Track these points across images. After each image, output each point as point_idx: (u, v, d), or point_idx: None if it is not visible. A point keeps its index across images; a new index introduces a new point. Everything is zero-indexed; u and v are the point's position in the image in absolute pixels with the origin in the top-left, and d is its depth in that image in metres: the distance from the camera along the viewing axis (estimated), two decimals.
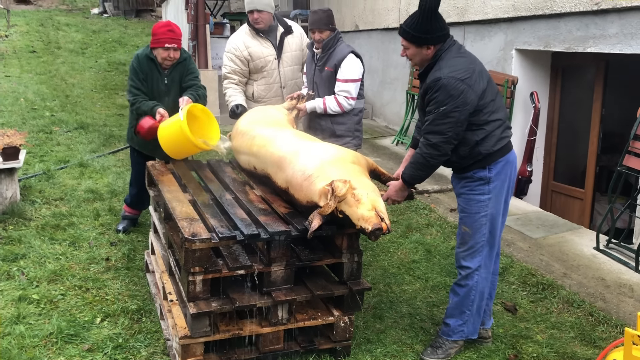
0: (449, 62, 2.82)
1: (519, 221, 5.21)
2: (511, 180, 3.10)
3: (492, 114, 2.91)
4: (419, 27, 2.84)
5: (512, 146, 3.06)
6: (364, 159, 3.28)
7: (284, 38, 4.33)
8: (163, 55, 4.07)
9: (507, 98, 5.85)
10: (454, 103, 2.77)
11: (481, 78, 2.86)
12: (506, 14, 5.93)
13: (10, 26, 14.97)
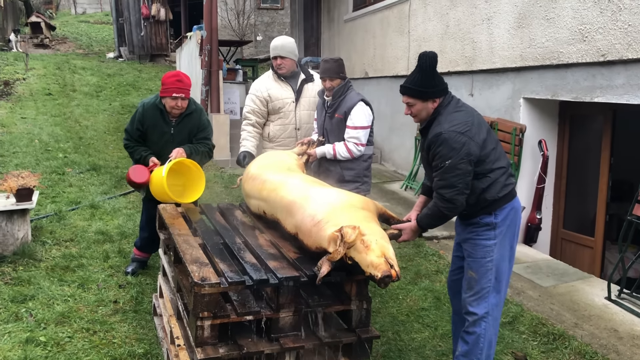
0: (448, 117, 2.94)
1: (529, 269, 5.17)
2: (517, 226, 3.15)
3: (495, 162, 3.00)
4: (423, 82, 2.99)
5: (516, 193, 3.14)
6: (373, 204, 3.31)
7: (305, 84, 4.49)
8: (171, 104, 4.21)
9: (515, 146, 5.90)
10: (458, 155, 2.87)
11: (480, 129, 2.96)
12: (514, 64, 6.04)
13: (29, 69, 15.35)
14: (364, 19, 9.66)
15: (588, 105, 5.52)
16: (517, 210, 3.13)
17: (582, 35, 5.16)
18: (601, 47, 4.96)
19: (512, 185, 3.10)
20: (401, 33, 8.37)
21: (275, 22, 20.02)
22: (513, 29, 6.03)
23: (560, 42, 5.41)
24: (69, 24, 27.90)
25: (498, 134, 6.14)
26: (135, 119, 4.34)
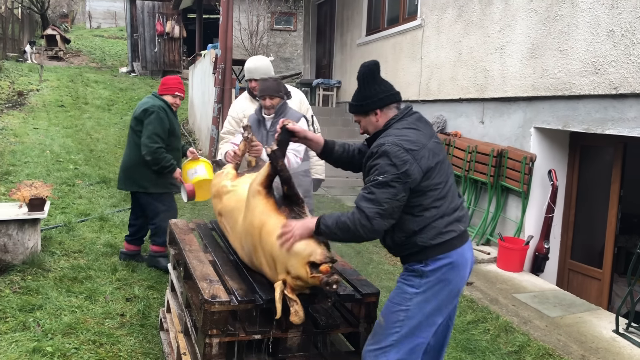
0: (399, 132, 2.56)
1: (536, 298, 5.15)
2: (455, 287, 2.61)
3: (437, 200, 2.55)
4: (359, 96, 2.73)
5: (463, 244, 2.62)
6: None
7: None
8: (171, 102, 4.92)
9: (525, 175, 5.91)
10: (396, 173, 2.44)
11: (432, 156, 2.54)
12: (525, 93, 6.08)
13: (42, 81, 15.55)
14: (377, 43, 9.76)
15: (599, 137, 5.54)
16: (458, 268, 2.61)
17: (594, 68, 5.21)
18: (614, 79, 5.00)
19: (455, 234, 2.58)
20: (413, 59, 8.46)
21: (288, 44, 20.24)
22: (526, 59, 6.09)
23: (572, 74, 5.46)
24: (83, 37, 28.29)
25: (508, 162, 6.17)
26: (162, 121, 4.79)
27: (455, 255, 2.59)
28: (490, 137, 6.74)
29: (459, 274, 2.61)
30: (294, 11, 20.25)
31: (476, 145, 6.64)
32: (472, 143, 6.79)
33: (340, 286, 3.03)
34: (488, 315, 4.72)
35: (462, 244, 2.63)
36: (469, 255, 2.69)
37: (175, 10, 19.60)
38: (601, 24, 5.15)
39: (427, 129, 2.66)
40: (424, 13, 8.20)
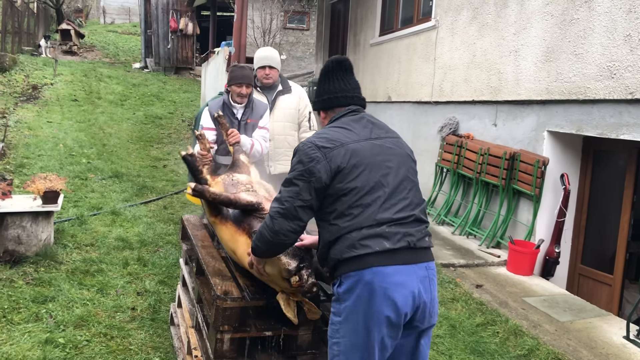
0: (323, 131, 2.42)
1: (546, 302, 5.13)
2: (383, 314, 2.17)
3: (352, 208, 2.23)
4: (316, 93, 2.62)
5: (387, 265, 2.18)
6: None
7: (279, 96, 4.56)
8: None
9: (537, 178, 5.89)
10: (300, 170, 2.28)
11: (351, 157, 2.27)
12: (539, 97, 6.06)
13: (57, 75, 15.66)
14: (390, 44, 9.75)
15: (613, 142, 5.51)
16: (377, 292, 2.16)
17: (610, 72, 5.18)
18: (629, 84, 4.97)
19: (370, 251, 2.18)
20: (427, 60, 8.44)
21: (300, 42, 20.27)
22: (540, 62, 6.06)
23: (587, 78, 5.43)
24: (97, 32, 28.45)
25: (520, 165, 6.15)
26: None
27: (371, 275, 2.16)
28: (502, 140, 6.72)
29: (382, 301, 2.16)
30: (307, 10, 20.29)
31: (488, 148, 6.62)
32: (485, 145, 6.77)
33: None
34: (497, 318, 4.71)
35: (386, 265, 2.17)
36: (402, 280, 2.19)
37: (189, 7, 19.69)
38: (618, 28, 5.12)
39: (363, 130, 2.38)
40: (438, 14, 8.18)
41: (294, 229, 2.30)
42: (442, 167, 7.63)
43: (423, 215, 2.35)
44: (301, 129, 4.72)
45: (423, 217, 2.35)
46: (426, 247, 2.31)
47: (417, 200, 2.36)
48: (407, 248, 2.22)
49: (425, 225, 2.35)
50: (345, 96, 2.49)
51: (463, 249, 6.42)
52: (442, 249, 6.34)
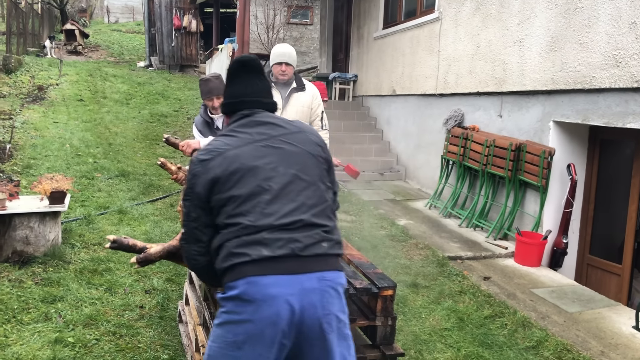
0: (212, 140, 2.32)
1: (554, 294, 5.12)
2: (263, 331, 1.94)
3: (232, 217, 2.06)
4: None
5: (266, 274, 1.96)
6: None
7: (293, 93, 4.52)
8: None
9: (543, 169, 5.86)
10: (186, 190, 2.20)
11: (229, 164, 2.10)
12: (545, 87, 6.02)
13: (62, 75, 15.71)
14: (394, 37, 9.71)
15: (619, 131, 5.47)
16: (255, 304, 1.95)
17: (615, 61, 5.14)
18: (635, 73, 4.93)
19: (246, 259, 1.98)
20: (431, 52, 8.41)
21: (304, 37, 20.18)
22: (545, 52, 6.02)
23: (593, 67, 5.39)
24: (101, 32, 28.51)
25: (526, 156, 6.12)
26: None
27: (245, 286, 1.96)
28: (508, 131, 6.68)
29: (261, 313, 1.94)
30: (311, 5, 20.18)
31: (494, 139, 6.60)
32: (490, 137, 6.74)
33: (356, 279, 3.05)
34: (505, 310, 4.70)
35: (264, 274, 1.96)
36: (277, 293, 1.94)
37: (192, 5, 19.67)
38: (623, 16, 5.07)
39: (250, 133, 2.20)
40: (441, 6, 8.14)
41: (198, 251, 2.17)
42: (448, 159, 7.60)
43: (319, 219, 2.07)
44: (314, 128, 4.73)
45: (318, 220, 2.06)
46: (321, 255, 2.00)
47: (311, 202, 2.09)
48: (291, 256, 1.98)
49: (323, 229, 2.05)
50: (243, 101, 2.29)
51: (470, 241, 6.40)
52: (449, 242, 6.33)
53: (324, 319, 2.00)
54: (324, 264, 2.03)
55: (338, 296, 2.06)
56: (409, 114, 9.20)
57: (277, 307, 1.93)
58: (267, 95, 2.36)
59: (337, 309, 2.06)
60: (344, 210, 7.39)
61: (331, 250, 2.07)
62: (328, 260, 2.05)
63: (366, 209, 7.48)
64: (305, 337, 2.00)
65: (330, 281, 2.03)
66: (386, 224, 6.83)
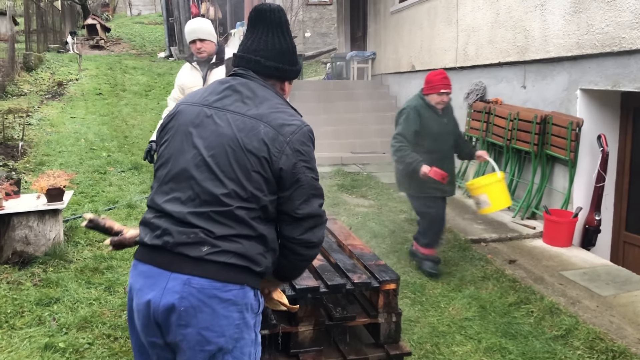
0: None
1: (586, 276, 4.73)
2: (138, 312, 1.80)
3: (154, 180, 1.93)
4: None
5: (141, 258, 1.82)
6: None
7: (212, 69, 4.20)
8: (437, 100, 4.61)
9: (571, 141, 5.43)
10: None
11: (172, 118, 1.94)
12: (570, 52, 5.56)
13: (82, 70, 15.70)
14: (411, 10, 9.27)
15: None
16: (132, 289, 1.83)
17: None
18: None
19: (140, 238, 1.85)
20: (449, 23, 7.96)
21: (324, 18, 19.79)
22: (569, 14, 5.55)
23: (622, 27, 4.92)
24: (124, 25, 28.56)
25: (552, 128, 5.69)
26: (411, 120, 4.55)
27: (132, 269, 1.86)
28: (533, 103, 6.24)
29: (130, 300, 1.85)
30: None
31: (518, 112, 6.17)
32: (514, 110, 6.32)
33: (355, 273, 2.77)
34: (532, 296, 4.34)
35: (142, 261, 1.81)
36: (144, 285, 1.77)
37: None
38: None
39: (213, 93, 1.92)
40: None
41: None
42: (471, 136, 7.20)
43: (201, 220, 1.74)
44: None
45: (199, 221, 1.74)
46: (195, 258, 1.72)
47: (204, 198, 1.76)
48: (162, 249, 1.76)
49: (204, 231, 1.73)
50: (242, 57, 1.96)
51: (495, 222, 6.02)
52: (473, 224, 5.97)
53: (178, 329, 1.73)
54: (196, 268, 1.72)
55: (210, 311, 1.72)
56: None
57: (141, 299, 1.76)
58: (276, 57, 1.93)
59: (202, 325, 1.72)
60: (361, 195, 7.09)
61: (214, 257, 1.72)
62: (206, 266, 1.72)
63: (385, 192, 7.15)
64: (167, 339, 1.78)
65: (197, 289, 1.71)
66: (405, 208, 6.49)
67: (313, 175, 1.84)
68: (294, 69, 2.00)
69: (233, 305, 1.74)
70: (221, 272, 1.73)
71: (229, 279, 1.73)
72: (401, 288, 4.51)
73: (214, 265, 1.72)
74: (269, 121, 1.81)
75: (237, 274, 1.75)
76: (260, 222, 1.78)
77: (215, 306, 1.71)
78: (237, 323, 1.75)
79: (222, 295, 1.72)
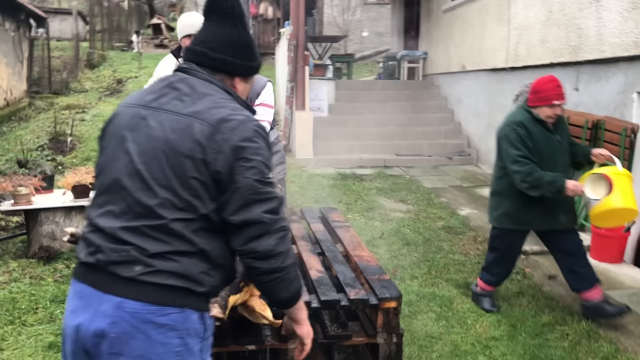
0: None
1: (635, 297, 4.31)
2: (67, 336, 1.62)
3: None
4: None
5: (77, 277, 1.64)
6: None
7: None
8: (548, 113, 3.76)
9: (625, 149, 5.00)
10: None
11: (109, 124, 1.78)
12: (626, 52, 5.11)
13: (142, 68, 16.12)
14: (463, 8, 8.91)
15: None
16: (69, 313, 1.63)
17: None
18: None
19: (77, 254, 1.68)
20: (500, 22, 7.57)
21: (382, 18, 19.48)
22: (626, 11, 5.11)
23: None
24: None
25: (605, 134, 5.26)
26: (522, 137, 3.71)
27: (70, 287, 1.68)
28: (585, 106, 5.80)
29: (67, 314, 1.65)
30: None
31: (568, 116, 5.74)
32: (565, 113, 5.89)
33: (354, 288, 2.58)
34: (569, 317, 3.99)
35: (78, 279, 1.63)
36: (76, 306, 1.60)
37: None
38: None
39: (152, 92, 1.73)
40: None
41: None
42: None
43: (132, 235, 1.56)
44: None
45: (129, 236, 1.56)
46: (127, 279, 1.54)
47: (137, 210, 1.57)
48: (96, 267, 1.57)
49: (136, 249, 1.55)
50: (189, 49, 1.79)
51: None
52: None
53: (110, 358, 1.54)
54: (129, 290, 1.54)
55: (145, 337, 1.53)
56: (480, 91, 8.40)
57: (72, 321, 1.59)
58: (225, 49, 1.75)
59: (136, 354, 1.54)
60: (400, 199, 6.83)
61: (148, 278, 1.54)
62: (139, 287, 1.54)
63: (426, 197, 6.86)
64: None
65: (130, 313, 1.53)
66: (445, 214, 6.20)
67: (257, 177, 1.60)
68: (246, 65, 1.79)
69: (172, 330, 1.56)
70: (157, 295, 1.54)
71: (166, 302, 1.55)
72: (427, 301, 4.27)
73: (149, 286, 1.54)
74: (205, 118, 1.60)
75: (175, 297, 1.56)
76: (202, 236, 1.58)
77: (150, 332, 1.54)
78: (178, 350, 1.57)
79: (158, 320, 1.54)
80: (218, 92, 1.70)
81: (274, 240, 1.61)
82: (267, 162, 1.65)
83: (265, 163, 1.64)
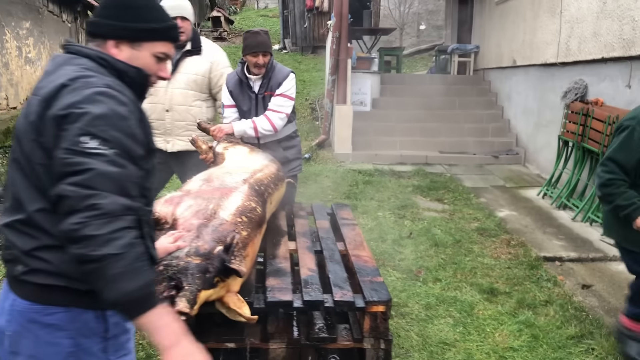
0: None
1: None
2: None
3: None
4: None
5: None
6: None
7: (186, 57, 3.73)
8: None
9: None
10: None
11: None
12: None
13: None
14: (516, 0, 8.51)
15: None
16: None
17: None
18: None
19: None
20: (552, 14, 7.17)
21: (441, 10, 18.98)
22: None
23: None
24: (248, 18, 29.50)
25: None
26: (636, 141, 3.01)
27: None
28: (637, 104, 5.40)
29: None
30: None
31: (617, 116, 5.37)
32: (614, 112, 5.51)
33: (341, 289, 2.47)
34: (598, 330, 3.72)
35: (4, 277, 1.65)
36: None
37: None
38: None
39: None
40: None
41: None
42: (566, 140, 6.42)
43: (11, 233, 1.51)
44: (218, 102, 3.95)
45: (10, 235, 1.51)
46: (15, 278, 1.51)
47: (13, 204, 1.51)
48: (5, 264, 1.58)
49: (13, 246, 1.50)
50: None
51: (580, 238, 5.31)
52: (553, 239, 5.30)
53: (10, 357, 1.52)
54: (19, 289, 1.52)
55: (33, 337, 1.49)
56: (529, 88, 8.02)
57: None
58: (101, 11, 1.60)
59: (28, 353, 1.50)
60: (436, 198, 6.61)
61: (28, 278, 1.48)
62: (25, 287, 1.50)
63: (464, 196, 6.61)
64: None
65: (19, 312, 1.50)
66: (481, 215, 5.94)
67: (67, 145, 1.37)
68: (122, 25, 1.57)
69: (59, 330, 1.49)
70: (42, 294, 1.48)
71: (50, 301, 1.49)
72: (447, 306, 4.08)
73: (32, 286, 1.49)
74: (42, 93, 1.46)
75: (57, 296, 1.48)
76: None
77: (37, 332, 1.49)
78: (70, 351, 1.50)
79: (44, 319, 1.49)
80: (76, 60, 1.54)
81: (78, 218, 1.32)
82: (90, 129, 1.38)
83: (86, 130, 1.38)
